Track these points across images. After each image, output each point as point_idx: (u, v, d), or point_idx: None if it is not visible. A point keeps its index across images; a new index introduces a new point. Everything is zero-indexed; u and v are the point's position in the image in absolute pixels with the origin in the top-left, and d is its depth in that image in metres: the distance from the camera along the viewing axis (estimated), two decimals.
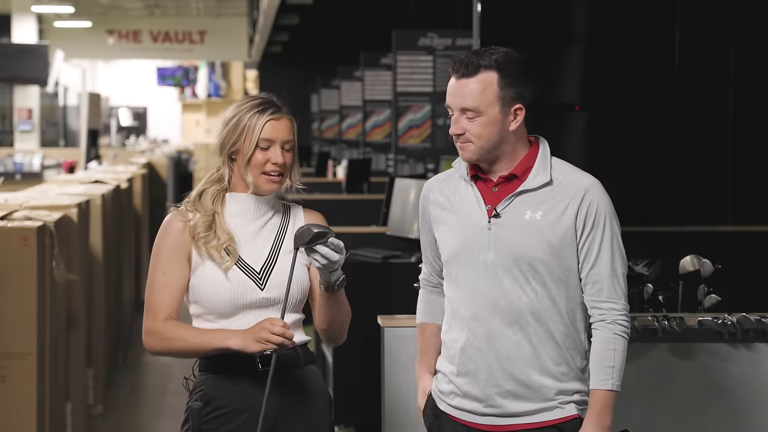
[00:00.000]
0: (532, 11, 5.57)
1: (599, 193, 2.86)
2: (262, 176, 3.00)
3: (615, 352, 2.84)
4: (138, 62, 25.75)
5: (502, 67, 2.82)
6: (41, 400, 4.82)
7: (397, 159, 9.34)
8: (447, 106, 2.89)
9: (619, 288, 2.86)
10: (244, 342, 2.88)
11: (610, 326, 2.85)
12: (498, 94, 2.82)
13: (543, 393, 2.85)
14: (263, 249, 3.01)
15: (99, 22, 19.89)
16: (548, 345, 2.85)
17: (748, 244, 5.47)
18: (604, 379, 2.83)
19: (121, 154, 17.46)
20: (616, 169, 5.69)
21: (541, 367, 2.85)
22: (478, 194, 2.90)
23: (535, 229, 2.83)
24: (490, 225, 2.85)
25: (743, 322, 3.63)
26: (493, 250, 2.84)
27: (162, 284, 2.99)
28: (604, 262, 2.84)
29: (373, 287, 5.83)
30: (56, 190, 6.97)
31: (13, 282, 4.69)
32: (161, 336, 2.97)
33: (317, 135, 16.43)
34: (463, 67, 2.83)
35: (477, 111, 2.83)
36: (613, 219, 2.87)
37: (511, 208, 2.86)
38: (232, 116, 3.03)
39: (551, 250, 2.82)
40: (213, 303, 2.98)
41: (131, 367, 8.13)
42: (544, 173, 2.86)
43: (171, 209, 3.10)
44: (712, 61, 5.85)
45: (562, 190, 2.85)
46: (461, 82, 2.83)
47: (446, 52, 9.24)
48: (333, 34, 15.07)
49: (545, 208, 2.84)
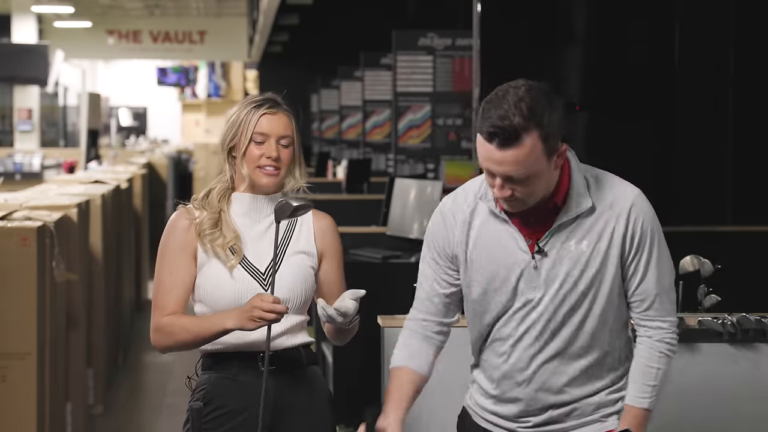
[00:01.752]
0: (532, 11, 5.57)
1: (643, 207, 2.71)
2: (257, 170, 3.00)
3: (658, 372, 2.72)
4: (138, 62, 25.74)
5: (539, 118, 2.54)
6: (41, 400, 4.82)
7: (397, 159, 9.34)
8: (486, 170, 2.60)
9: (667, 304, 2.75)
10: (240, 321, 2.88)
11: (657, 344, 2.73)
12: (543, 149, 2.56)
13: (586, 410, 2.76)
14: (268, 250, 3.00)
15: (99, 22, 19.88)
16: (596, 368, 2.75)
17: (748, 244, 5.47)
18: (642, 396, 2.72)
19: (121, 154, 17.45)
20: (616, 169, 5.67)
21: (581, 384, 2.75)
22: (514, 230, 2.69)
23: (583, 262, 2.67)
24: (536, 263, 2.67)
25: (743, 322, 3.63)
26: (542, 286, 2.68)
27: (169, 284, 3.00)
28: (651, 279, 2.72)
29: (373, 287, 5.79)
30: (56, 190, 6.97)
31: (13, 282, 4.69)
32: (165, 330, 2.97)
33: (317, 135, 16.44)
34: (502, 136, 2.54)
35: (528, 175, 2.57)
36: (658, 231, 2.74)
37: (555, 241, 2.67)
38: (232, 114, 3.05)
39: (600, 280, 2.69)
40: (217, 302, 2.98)
41: (131, 367, 8.13)
42: (585, 198, 2.67)
43: (178, 207, 3.10)
44: (712, 61, 5.85)
45: (605, 211, 2.68)
46: (504, 154, 2.54)
47: (446, 52, 9.25)
48: (333, 34, 15.08)
49: (591, 238, 2.67)
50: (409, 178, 7.22)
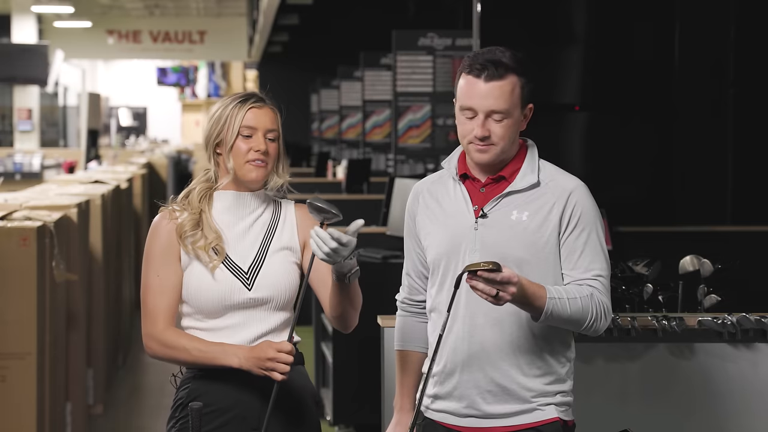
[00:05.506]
0: (532, 11, 5.57)
1: (584, 195, 2.85)
2: (246, 165, 2.98)
3: (577, 299, 2.76)
4: (138, 62, 25.75)
5: (522, 68, 2.82)
6: (41, 400, 4.82)
7: (397, 159, 9.34)
8: (467, 109, 2.83)
9: (597, 283, 2.80)
10: (248, 365, 2.87)
11: (588, 288, 2.79)
12: (520, 96, 2.82)
13: (521, 395, 2.83)
14: (251, 248, 3.00)
15: (99, 22, 19.89)
16: (530, 348, 2.82)
17: (748, 244, 5.47)
18: (558, 297, 2.74)
19: (121, 154, 17.45)
20: (616, 169, 5.69)
21: (521, 368, 2.82)
22: (466, 194, 2.89)
23: (520, 230, 2.82)
24: (477, 225, 2.84)
25: (743, 322, 3.63)
26: (479, 250, 2.82)
27: (157, 287, 2.99)
28: (584, 263, 2.82)
29: (373, 287, 5.80)
30: (56, 190, 6.97)
31: (13, 282, 4.69)
32: (163, 343, 2.95)
33: (317, 135, 16.43)
34: (492, 69, 2.79)
35: (507, 113, 2.80)
36: (597, 222, 2.85)
37: (498, 209, 2.84)
38: (215, 111, 3.04)
39: (536, 251, 2.81)
40: (201, 303, 2.97)
41: (131, 368, 8.13)
42: (531, 174, 2.85)
43: (160, 209, 3.09)
44: (712, 61, 5.85)
45: (548, 191, 2.84)
46: (491, 85, 2.79)
47: (446, 52, 9.24)
48: (333, 34, 15.09)
49: (531, 210, 2.83)
50: (409, 178, 7.21)
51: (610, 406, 3.63)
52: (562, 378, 2.86)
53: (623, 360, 3.66)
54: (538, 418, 2.83)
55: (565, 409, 2.86)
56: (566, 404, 2.87)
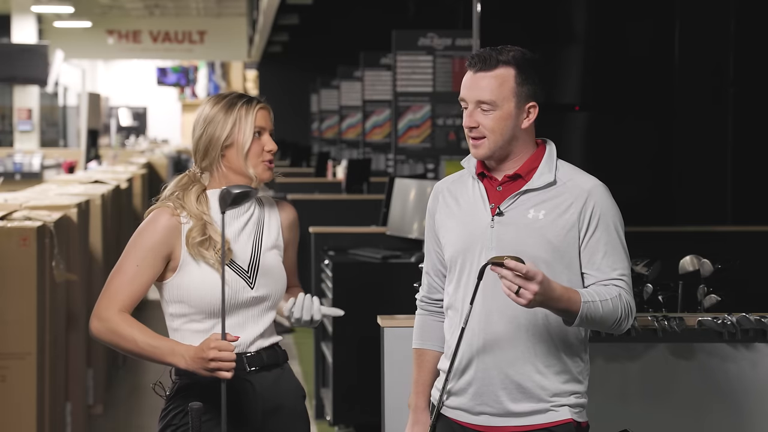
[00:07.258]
0: (533, 11, 5.57)
1: (602, 195, 2.85)
2: (261, 164, 3.00)
3: (609, 300, 2.77)
4: (138, 62, 25.75)
5: (520, 64, 2.84)
6: (41, 400, 4.82)
7: (397, 159, 9.34)
8: (461, 100, 2.87)
9: (623, 283, 2.82)
10: (194, 367, 2.85)
11: (614, 289, 2.80)
12: (514, 89, 2.83)
13: (537, 393, 2.83)
14: (246, 247, 3.01)
15: (99, 22, 19.90)
16: (545, 346, 2.83)
17: (748, 244, 5.47)
18: (591, 300, 2.74)
19: (121, 154, 17.46)
20: (616, 169, 5.69)
21: (536, 365, 2.83)
22: (483, 192, 2.89)
23: (536, 229, 2.81)
24: (493, 223, 2.84)
25: (743, 322, 3.63)
26: (495, 248, 2.82)
27: (131, 275, 2.96)
28: (609, 262, 2.81)
29: (373, 287, 5.82)
30: (56, 190, 6.97)
31: (13, 282, 4.69)
32: (112, 328, 2.94)
33: (317, 135, 16.43)
34: (481, 61, 2.83)
35: (493, 104, 2.82)
36: (617, 221, 2.85)
37: (515, 207, 2.84)
38: (214, 114, 2.99)
39: (553, 249, 2.80)
40: (204, 303, 2.96)
41: (131, 367, 8.13)
42: (548, 173, 2.85)
43: (153, 203, 3.06)
44: (712, 61, 5.85)
45: (566, 191, 2.84)
46: (478, 76, 2.83)
47: (446, 52, 9.24)
48: (333, 34, 15.09)
49: (548, 208, 2.82)
50: (409, 178, 7.21)
51: (610, 406, 3.63)
52: (577, 378, 2.86)
53: (623, 360, 3.66)
54: (551, 418, 2.83)
55: (579, 411, 2.86)
56: (580, 406, 2.87)
